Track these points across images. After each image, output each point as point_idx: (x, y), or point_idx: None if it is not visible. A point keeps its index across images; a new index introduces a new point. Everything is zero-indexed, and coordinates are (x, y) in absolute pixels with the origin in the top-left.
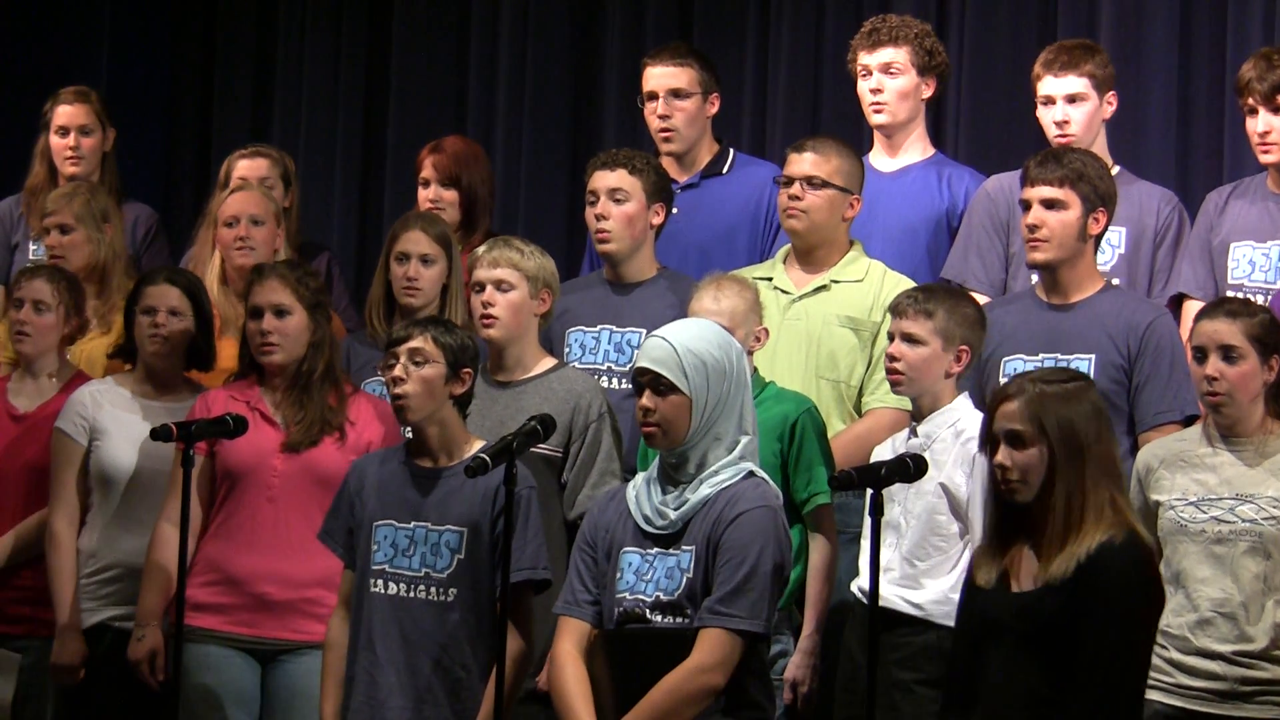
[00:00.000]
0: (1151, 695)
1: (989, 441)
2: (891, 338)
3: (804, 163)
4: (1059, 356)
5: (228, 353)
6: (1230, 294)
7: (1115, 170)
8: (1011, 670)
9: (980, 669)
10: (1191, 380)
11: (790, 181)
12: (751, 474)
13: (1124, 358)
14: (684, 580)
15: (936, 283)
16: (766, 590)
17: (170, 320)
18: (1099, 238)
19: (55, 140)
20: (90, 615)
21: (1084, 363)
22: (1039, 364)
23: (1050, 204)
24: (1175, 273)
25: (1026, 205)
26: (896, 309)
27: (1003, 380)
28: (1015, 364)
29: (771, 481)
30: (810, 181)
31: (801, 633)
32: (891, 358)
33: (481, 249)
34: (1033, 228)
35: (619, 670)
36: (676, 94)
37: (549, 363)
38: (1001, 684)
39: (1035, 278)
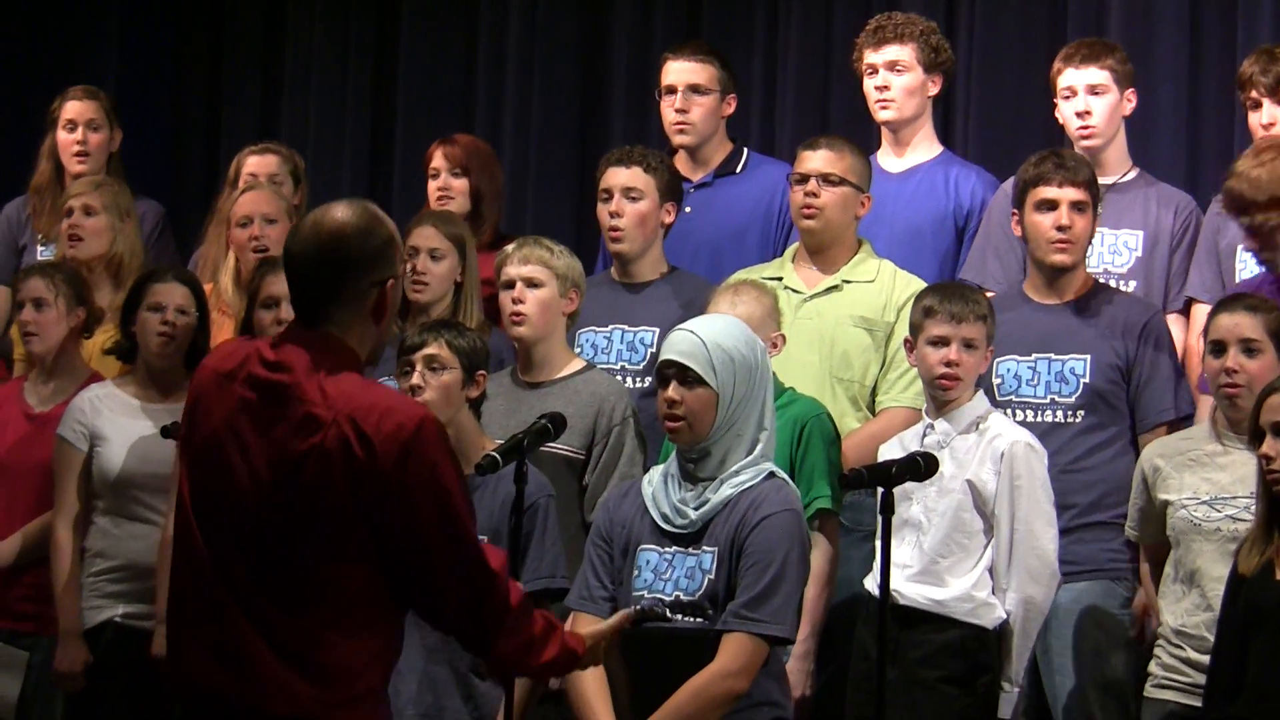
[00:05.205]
0: (1166, 695)
1: (1255, 433)
2: (943, 341)
3: (818, 159)
4: (1053, 357)
5: None
6: None
7: (1134, 173)
8: (1277, 657)
9: (1246, 657)
10: (1186, 380)
11: (804, 178)
12: (773, 474)
13: (1121, 358)
14: (705, 581)
15: (961, 283)
16: (791, 594)
17: (178, 318)
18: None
19: (63, 135)
20: (97, 614)
21: (1080, 363)
22: (1032, 365)
23: (1078, 206)
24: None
25: (1051, 205)
26: (954, 315)
27: (995, 381)
28: (1008, 365)
29: (791, 483)
30: (826, 178)
31: (797, 638)
32: (951, 364)
33: (511, 247)
34: (1065, 228)
35: (636, 668)
36: (695, 89)
37: (577, 364)
38: (1267, 670)
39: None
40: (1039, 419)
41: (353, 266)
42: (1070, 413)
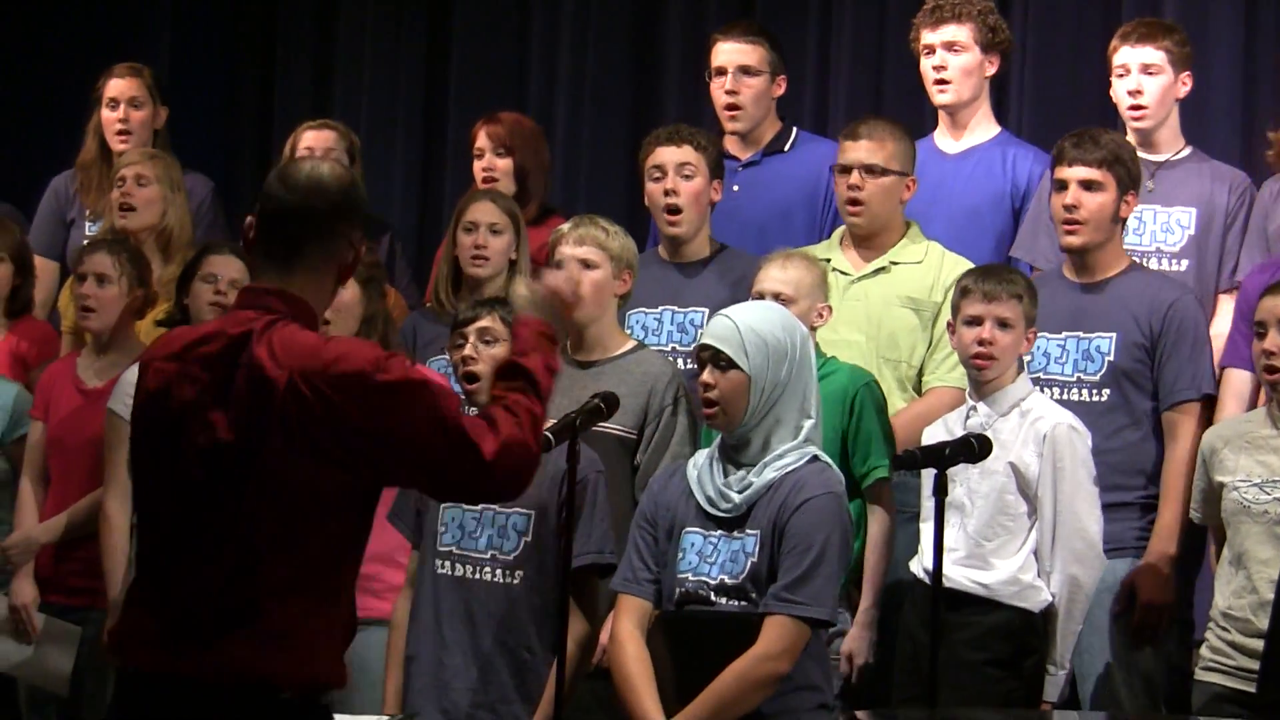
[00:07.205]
0: (1212, 678)
1: None
2: (978, 321)
3: (859, 150)
4: (1081, 335)
5: None
6: None
7: (1187, 151)
8: None
9: None
10: (1211, 360)
11: (847, 170)
12: (816, 458)
13: (1146, 336)
14: (748, 564)
15: (1000, 263)
16: (832, 577)
17: (231, 290)
18: (1125, 220)
19: (106, 113)
20: None
21: (1105, 341)
22: (1062, 343)
23: (1088, 185)
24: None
25: (1063, 185)
26: (987, 294)
27: (1026, 359)
28: (1039, 343)
29: (834, 466)
30: (869, 170)
31: (859, 606)
32: (985, 342)
33: (566, 226)
34: (1070, 208)
35: (680, 651)
36: (745, 70)
37: (629, 344)
38: None
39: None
40: (1066, 397)
41: (342, 209)
42: (1095, 391)
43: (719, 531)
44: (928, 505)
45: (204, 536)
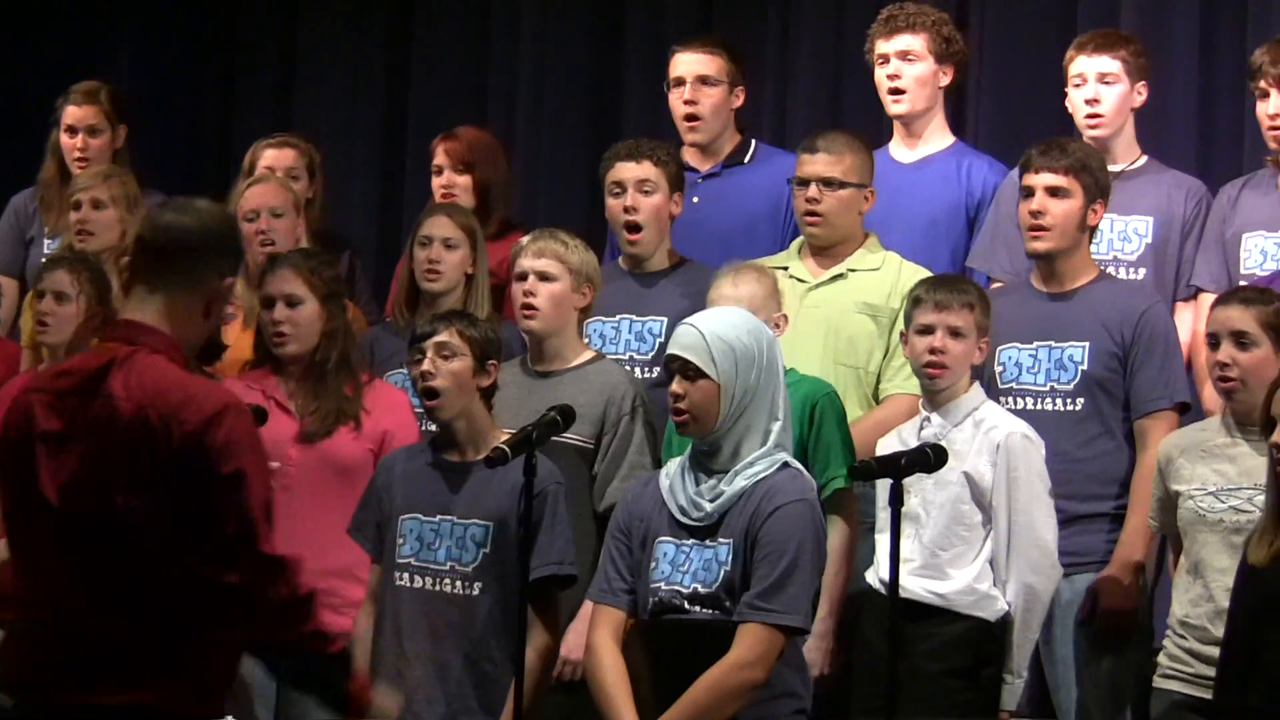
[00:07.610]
0: (1170, 685)
1: (1266, 423)
2: (930, 330)
3: (817, 163)
4: (1053, 344)
5: (248, 344)
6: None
7: (1143, 160)
8: None
9: (1258, 647)
10: (1182, 368)
11: (805, 183)
12: (787, 464)
13: (1118, 345)
14: (722, 573)
15: (955, 273)
16: (806, 584)
17: None
18: (1094, 229)
19: (65, 139)
20: None
21: (1078, 350)
22: (1033, 353)
23: (1054, 191)
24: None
25: (1029, 192)
26: (939, 303)
27: (997, 369)
28: (1010, 353)
29: (806, 473)
30: (827, 183)
31: (815, 616)
32: (936, 351)
33: (526, 239)
34: (1036, 214)
35: (658, 659)
36: (704, 80)
37: (587, 355)
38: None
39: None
40: (1039, 407)
41: (210, 242)
42: (1069, 400)
43: (691, 540)
44: (883, 516)
45: (73, 568)
